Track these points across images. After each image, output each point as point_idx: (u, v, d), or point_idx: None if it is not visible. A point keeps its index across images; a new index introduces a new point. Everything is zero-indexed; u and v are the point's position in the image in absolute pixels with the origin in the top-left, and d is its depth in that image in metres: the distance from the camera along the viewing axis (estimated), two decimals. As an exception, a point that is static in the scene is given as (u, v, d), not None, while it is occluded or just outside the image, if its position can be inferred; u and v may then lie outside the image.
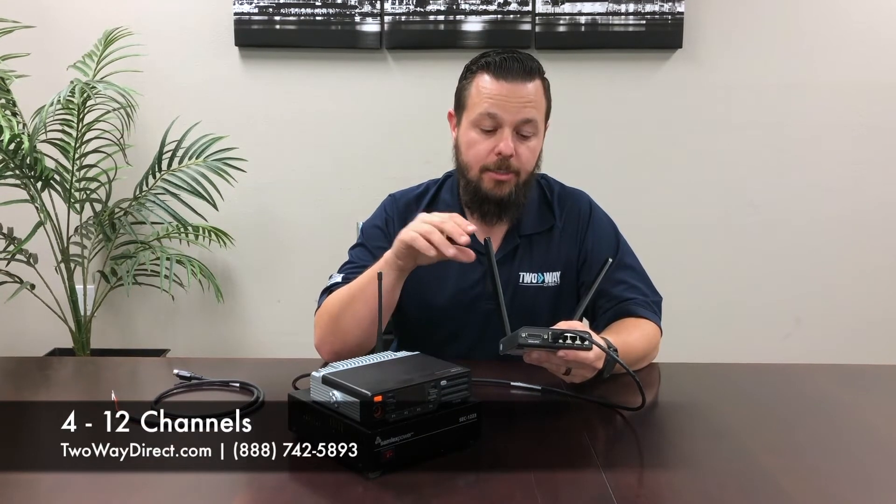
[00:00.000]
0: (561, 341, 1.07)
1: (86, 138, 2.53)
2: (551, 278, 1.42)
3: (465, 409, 0.94)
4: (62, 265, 2.54)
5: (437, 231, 1.15)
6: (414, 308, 1.41)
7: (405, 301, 1.38)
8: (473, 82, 1.36)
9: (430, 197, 1.47)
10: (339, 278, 1.40)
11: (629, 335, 1.27)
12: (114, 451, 0.95)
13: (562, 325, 1.11)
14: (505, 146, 1.32)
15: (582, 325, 1.15)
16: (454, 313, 1.40)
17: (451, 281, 1.41)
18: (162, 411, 1.06)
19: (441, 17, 2.66)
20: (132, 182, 2.62)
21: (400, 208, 1.46)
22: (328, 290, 1.39)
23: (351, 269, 1.40)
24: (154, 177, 2.58)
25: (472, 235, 1.41)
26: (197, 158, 2.55)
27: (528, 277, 1.41)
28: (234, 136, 2.62)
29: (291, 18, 2.66)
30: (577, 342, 1.08)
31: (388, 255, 1.24)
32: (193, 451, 0.95)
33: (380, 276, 1.17)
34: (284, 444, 0.96)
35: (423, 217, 1.19)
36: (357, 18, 2.66)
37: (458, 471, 0.90)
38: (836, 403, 1.17)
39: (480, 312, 1.40)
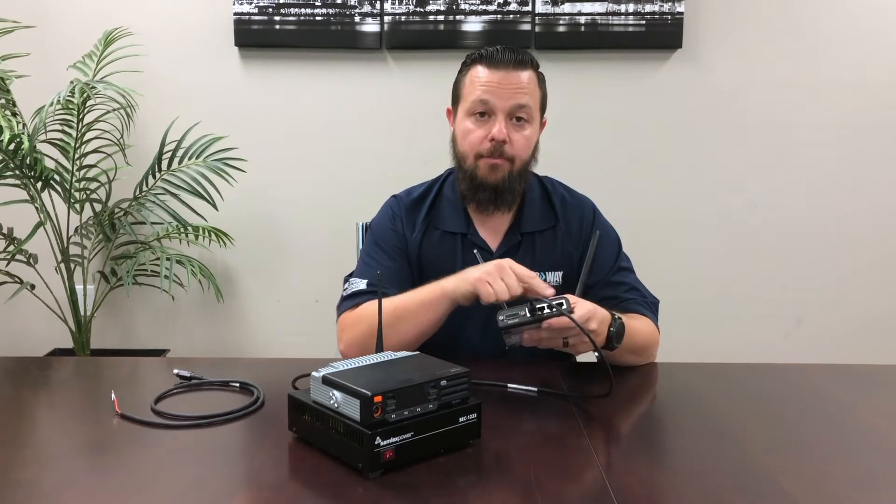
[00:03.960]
0: (539, 313, 1.08)
1: (86, 138, 2.53)
2: (553, 278, 1.43)
3: (465, 409, 0.95)
4: (62, 265, 2.54)
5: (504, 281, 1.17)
6: None
7: None
8: (467, 74, 1.39)
9: (433, 195, 1.48)
10: (362, 284, 1.38)
11: (632, 321, 1.29)
12: (114, 452, 0.95)
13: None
14: (498, 131, 1.34)
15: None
16: (458, 310, 1.41)
17: None
18: (162, 412, 1.06)
19: (441, 17, 2.66)
20: (132, 182, 2.63)
21: (405, 208, 1.47)
22: (354, 296, 1.38)
23: (374, 273, 1.39)
24: (154, 177, 2.59)
25: (465, 243, 1.42)
26: (197, 158, 2.55)
27: None
28: (234, 136, 2.62)
29: (291, 18, 2.66)
30: (556, 310, 1.08)
31: (450, 291, 1.24)
32: (193, 452, 0.95)
33: (379, 275, 1.17)
34: (284, 444, 0.97)
35: (498, 270, 1.19)
36: (357, 18, 2.66)
37: (458, 471, 0.90)
38: (837, 403, 1.17)
39: (483, 310, 1.41)
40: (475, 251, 1.34)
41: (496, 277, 1.17)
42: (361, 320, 1.31)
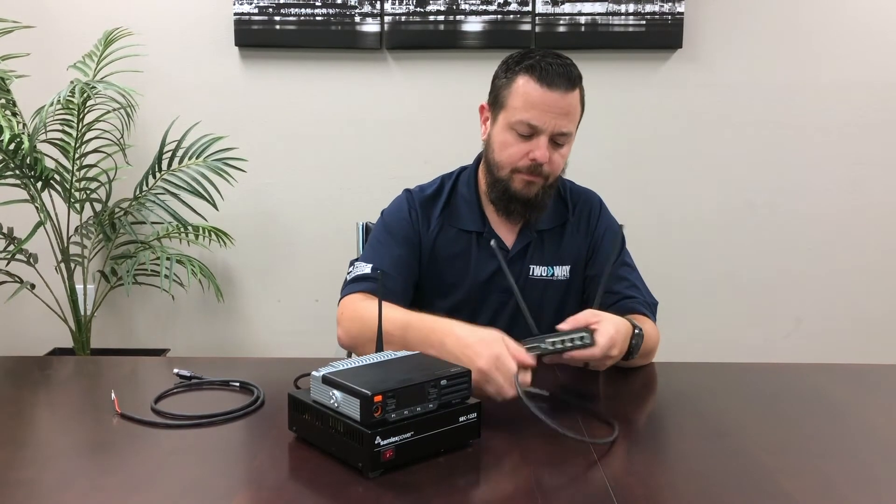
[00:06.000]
0: (560, 345, 1.08)
1: (86, 138, 2.53)
2: (561, 272, 1.44)
3: (465, 409, 0.94)
4: (62, 265, 2.54)
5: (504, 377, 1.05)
6: (430, 302, 1.42)
7: (423, 295, 1.43)
8: (515, 83, 1.33)
9: (447, 193, 1.47)
10: (367, 268, 1.36)
11: (645, 327, 1.29)
12: (114, 451, 0.95)
13: (569, 321, 1.13)
14: (541, 155, 1.32)
15: (591, 318, 1.14)
16: (468, 307, 1.43)
17: (468, 275, 1.43)
18: (162, 411, 1.06)
19: (441, 17, 2.66)
20: (132, 182, 2.63)
21: (420, 203, 1.47)
22: (357, 280, 1.36)
23: (381, 259, 1.39)
24: (154, 177, 2.58)
25: (481, 241, 1.42)
26: (197, 158, 2.55)
27: (538, 270, 1.43)
28: (234, 136, 2.62)
29: (291, 18, 2.66)
30: (578, 342, 1.08)
31: (432, 347, 1.13)
32: (193, 452, 0.95)
33: (380, 274, 1.17)
34: (284, 443, 0.97)
35: (494, 365, 1.05)
36: (357, 18, 2.66)
37: (458, 471, 0.89)
38: (837, 403, 1.17)
39: (491, 306, 1.44)
40: (492, 242, 1.33)
41: (495, 374, 1.04)
42: (358, 318, 1.28)
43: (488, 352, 1.05)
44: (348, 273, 1.40)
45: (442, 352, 1.11)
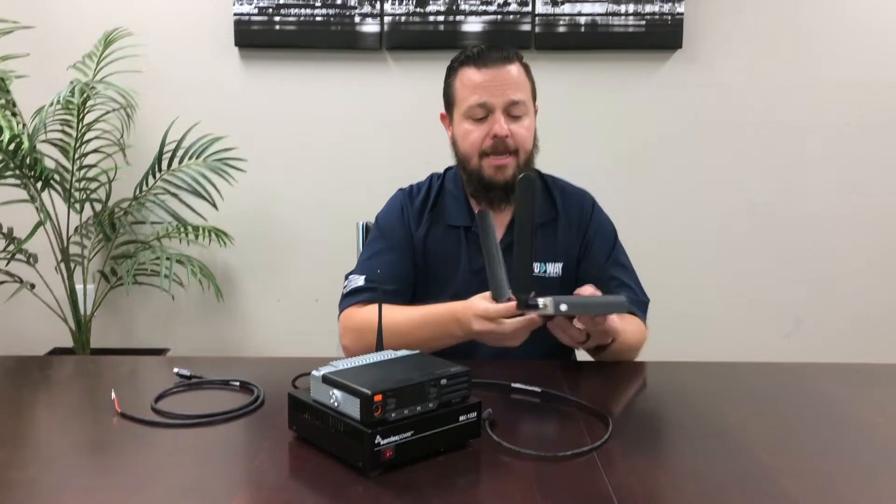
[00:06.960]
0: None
1: (86, 138, 2.53)
2: (553, 269, 1.44)
3: (465, 409, 0.94)
4: (62, 265, 2.54)
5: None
6: (424, 302, 1.42)
7: (418, 295, 1.43)
8: (457, 78, 1.41)
9: (435, 190, 1.49)
10: (361, 281, 1.39)
11: (623, 324, 1.29)
12: (114, 451, 0.95)
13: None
14: (499, 127, 1.35)
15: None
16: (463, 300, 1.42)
17: (458, 271, 1.44)
18: (162, 411, 1.06)
19: (441, 18, 2.66)
20: (132, 182, 2.63)
21: (412, 202, 1.48)
22: (353, 293, 1.38)
23: (373, 269, 1.39)
24: (154, 177, 2.59)
25: (469, 236, 1.43)
26: (197, 158, 2.55)
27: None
28: (234, 136, 2.62)
29: (291, 19, 2.66)
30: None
31: (455, 329, 1.25)
32: (193, 451, 0.95)
33: (378, 274, 1.17)
34: (284, 443, 0.97)
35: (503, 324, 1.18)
36: (357, 19, 2.66)
37: (458, 471, 0.90)
38: (837, 402, 1.17)
39: None
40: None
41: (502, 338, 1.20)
42: (369, 329, 1.28)
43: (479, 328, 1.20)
44: (344, 287, 1.42)
45: (459, 336, 1.24)
